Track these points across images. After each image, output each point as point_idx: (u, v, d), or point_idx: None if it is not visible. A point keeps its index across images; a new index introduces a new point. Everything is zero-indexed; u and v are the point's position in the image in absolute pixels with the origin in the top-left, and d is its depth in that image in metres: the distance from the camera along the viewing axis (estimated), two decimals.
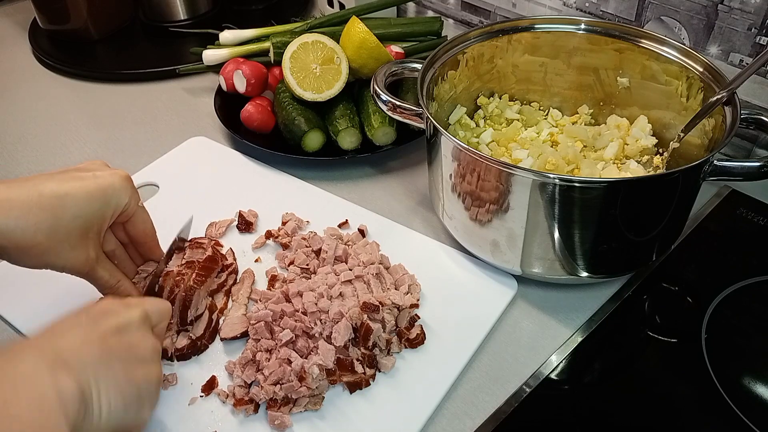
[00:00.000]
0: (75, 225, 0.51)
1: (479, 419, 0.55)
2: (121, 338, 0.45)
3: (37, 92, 1.00)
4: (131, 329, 0.46)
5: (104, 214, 0.53)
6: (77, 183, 0.52)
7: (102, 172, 0.54)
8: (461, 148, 0.58)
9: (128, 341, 0.45)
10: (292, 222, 0.71)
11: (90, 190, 0.52)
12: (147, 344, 0.47)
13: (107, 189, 0.53)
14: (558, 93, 0.78)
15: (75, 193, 0.51)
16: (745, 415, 0.54)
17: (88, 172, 0.53)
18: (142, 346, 0.46)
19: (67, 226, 0.51)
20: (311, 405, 0.55)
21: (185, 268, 0.62)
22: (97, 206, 0.52)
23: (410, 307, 0.60)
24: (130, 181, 0.56)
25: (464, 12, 1.03)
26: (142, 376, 0.45)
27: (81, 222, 0.52)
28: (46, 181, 0.51)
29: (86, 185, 0.52)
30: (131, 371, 0.44)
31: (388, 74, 0.69)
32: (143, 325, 0.48)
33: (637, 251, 0.61)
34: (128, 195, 0.55)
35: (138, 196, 0.57)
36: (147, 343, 0.47)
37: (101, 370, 0.42)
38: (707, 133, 0.63)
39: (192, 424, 0.54)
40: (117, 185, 0.54)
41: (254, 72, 0.85)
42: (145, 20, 1.13)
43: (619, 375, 0.59)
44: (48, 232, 0.50)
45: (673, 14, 0.78)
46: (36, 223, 0.49)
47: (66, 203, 0.50)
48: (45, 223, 0.49)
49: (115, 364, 0.43)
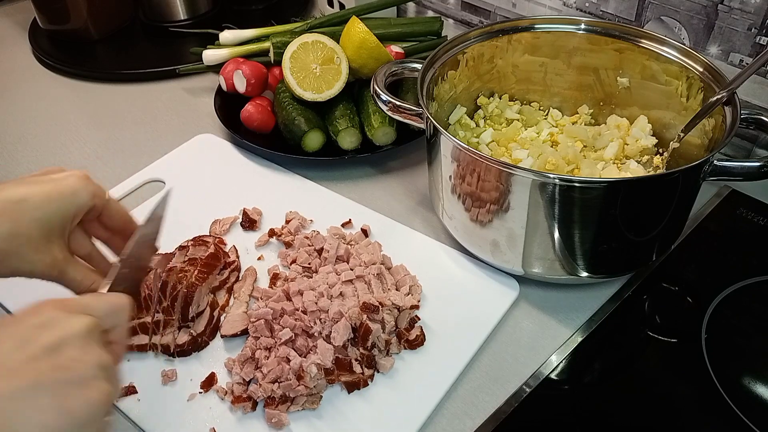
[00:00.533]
0: (35, 228, 0.50)
1: (479, 419, 0.55)
2: (54, 359, 0.40)
3: (37, 92, 1.00)
4: (69, 345, 0.41)
5: (65, 214, 0.53)
6: (34, 187, 0.51)
7: (58, 174, 0.54)
8: (461, 148, 0.58)
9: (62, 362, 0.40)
10: (296, 221, 0.71)
11: (47, 192, 0.51)
12: (88, 360, 0.41)
13: (64, 189, 0.52)
14: (558, 93, 0.78)
15: (31, 196, 0.51)
16: (745, 415, 0.54)
17: (45, 176, 0.54)
18: (82, 364, 0.41)
19: (27, 229, 0.50)
20: (309, 404, 0.55)
21: (188, 265, 0.62)
22: (55, 207, 0.52)
23: (410, 309, 0.60)
24: (89, 179, 0.55)
25: (464, 12, 1.03)
26: (80, 402, 0.40)
27: (41, 224, 0.51)
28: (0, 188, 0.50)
29: (43, 188, 0.52)
30: (64, 399, 0.39)
31: (388, 74, 0.69)
32: (86, 337, 0.42)
33: (637, 251, 0.61)
34: (88, 192, 0.54)
35: (102, 191, 0.56)
36: (89, 358, 0.41)
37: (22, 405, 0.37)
38: (707, 133, 0.63)
39: (190, 419, 0.55)
40: (74, 185, 0.53)
41: (254, 72, 0.85)
42: (145, 20, 1.13)
43: (619, 375, 0.59)
44: (7, 237, 0.49)
45: (673, 14, 0.78)
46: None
47: (23, 207, 0.50)
48: (2, 228, 0.49)
49: (42, 394, 0.38)
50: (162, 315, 0.59)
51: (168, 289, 0.59)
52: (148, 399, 0.56)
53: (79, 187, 0.53)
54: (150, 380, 0.57)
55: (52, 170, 0.55)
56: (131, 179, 0.80)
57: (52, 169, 0.56)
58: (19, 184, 0.52)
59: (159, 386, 0.57)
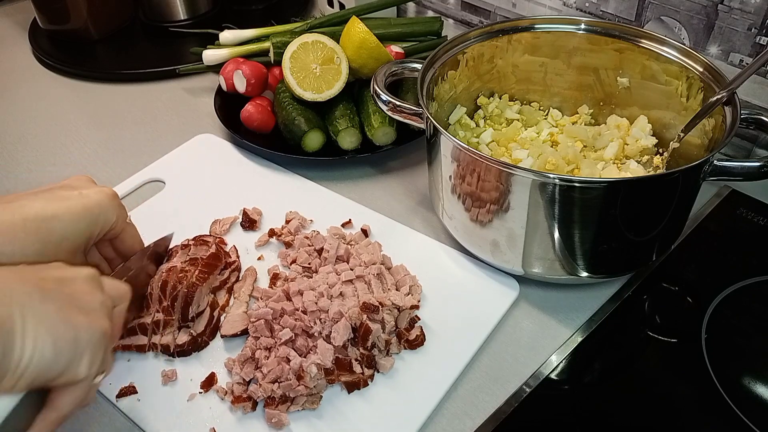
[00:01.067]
0: (62, 247, 0.50)
1: (479, 419, 0.55)
2: (62, 286, 0.42)
3: (37, 92, 1.00)
4: (76, 281, 0.43)
5: (91, 233, 0.52)
6: (63, 204, 0.50)
7: (88, 190, 0.53)
8: (461, 148, 0.58)
9: (70, 290, 0.42)
10: (296, 221, 0.71)
11: (76, 211, 0.51)
12: (94, 296, 0.43)
13: (93, 208, 0.52)
14: (558, 93, 0.78)
15: (61, 215, 0.50)
16: (745, 415, 0.54)
17: (73, 191, 0.52)
18: (88, 296, 0.43)
19: (55, 248, 0.49)
20: (309, 404, 0.55)
21: (188, 264, 0.62)
22: (83, 226, 0.51)
23: (410, 309, 0.60)
24: (117, 199, 0.55)
25: (464, 12, 1.03)
26: (84, 323, 0.41)
27: (68, 243, 0.50)
28: (30, 203, 0.49)
29: (72, 205, 0.51)
30: (69, 313, 0.40)
31: (388, 74, 0.69)
32: (92, 281, 0.44)
33: (637, 251, 0.61)
34: (115, 213, 0.54)
35: (125, 213, 0.56)
36: (94, 296, 0.43)
37: (31, 303, 0.39)
38: (707, 133, 0.63)
39: (191, 419, 0.54)
40: (104, 204, 0.53)
41: (254, 72, 0.85)
42: (145, 20, 1.13)
43: (619, 375, 0.59)
44: (35, 257, 0.48)
45: (673, 14, 0.78)
46: (22, 248, 0.47)
47: (52, 226, 0.49)
48: (31, 248, 0.48)
49: (50, 302, 0.40)
50: (162, 315, 0.59)
51: (168, 288, 0.59)
52: (148, 399, 0.56)
53: (107, 206, 0.53)
54: (150, 380, 0.57)
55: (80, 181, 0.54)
56: (131, 179, 0.80)
57: (80, 179, 0.55)
58: (49, 199, 0.50)
59: (159, 386, 0.57)
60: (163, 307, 0.59)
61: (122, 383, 0.57)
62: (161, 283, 0.59)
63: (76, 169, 0.84)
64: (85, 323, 0.41)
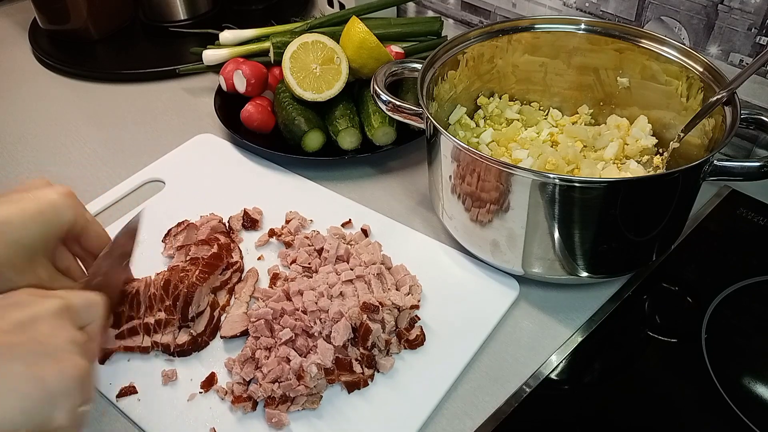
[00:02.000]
0: (17, 251, 0.48)
1: (479, 419, 0.55)
2: (24, 333, 0.40)
3: (37, 92, 1.00)
4: (39, 322, 0.41)
5: (47, 234, 0.51)
6: (14, 207, 0.49)
7: (42, 190, 0.51)
8: (461, 148, 0.58)
9: (34, 335, 0.40)
10: (296, 220, 0.71)
11: (28, 213, 0.49)
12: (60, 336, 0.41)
13: (46, 209, 0.50)
14: (558, 93, 0.78)
15: (11, 218, 0.48)
16: (745, 415, 0.54)
17: (27, 194, 0.50)
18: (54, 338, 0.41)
19: (8, 253, 0.48)
20: (309, 404, 0.55)
21: (189, 264, 0.62)
22: (37, 229, 0.49)
23: (410, 308, 0.60)
24: (73, 198, 0.53)
25: (464, 12, 1.03)
26: (54, 372, 0.39)
27: (22, 247, 0.49)
28: None
29: (23, 208, 0.49)
30: (36, 368, 0.38)
31: (388, 74, 0.69)
32: (58, 317, 0.42)
33: (637, 251, 0.61)
34: (72, 211, 0.52)
35: (83, 211, 0.54)
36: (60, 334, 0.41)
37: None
38: (707, 133, 0.63)
39: (191, 419, 0.55)
40: (58, 203, 0.51)
41: (254, 72, 0.85)
42: (145, 20, 1.13)
43: (619, 375, 0.59)
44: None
45: (673, 14, 0.78)
46: None
47: (3, 230, 0.47)
48: None
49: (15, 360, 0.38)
50: (164, 314, 0.59)
51: (170, 288, 0.59)
52: (148, 399, 0.56)
53: (61, 205, 0.51)
54: (150, 380, 0.57)
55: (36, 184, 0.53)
56: (131, 179, 0.80)
57: (36, 182, 0.53)
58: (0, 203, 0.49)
59: (159, 386, 0.57)
60: (165, 306, 0.59)
61: (122, 383, 0.57)
62: (164, 282, 0.59)
63: (76, 169, 0.84)
64: (54, 372, 0.39)
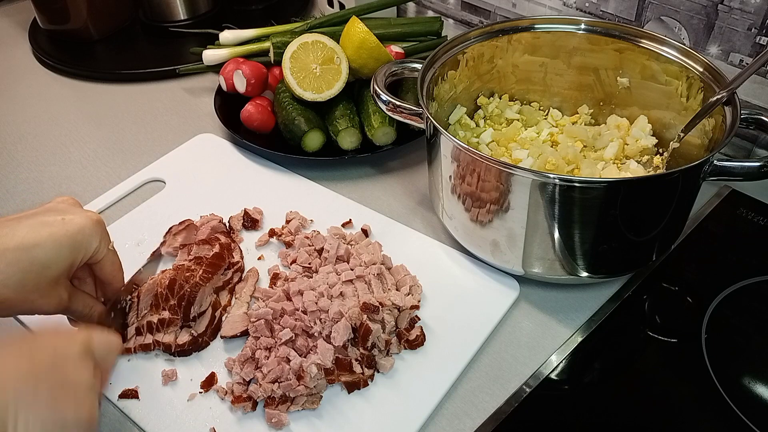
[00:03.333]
0: (43, 275, 0.49)
1: (479, 419, 0.55)
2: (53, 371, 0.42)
3: (37, 92, 1.00)
4: (68, 362, 0.43)
5: (74, 259, 0.51)
6: (45, 230, 0.49)
7: (72, 215, 0.52)
8: (461, 148, 0.58)
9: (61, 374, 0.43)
10: (296, 220, 0.71)
11: (58, 238, 0.49)
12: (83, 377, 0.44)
13: (76, 235, 0.51)
14: (558, 93, 0.78)
15: (43, 242, 0.49)
16: (745, 415, 0.54)
17: (57, 216, 0.51)
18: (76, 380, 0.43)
19: (36, 277, 0.49)
20: (309, 404, 0.55)
21: (193, 263, 0.62)
22: (66, 253, 0.50)
23: (410, 309, 0.60)
24: (102, 225, 0.54)
25: (464, 12, 1.03)
26: (72, 407, 0.42)
27: (50, 271, 0.50)
28: (12, 231, 0.48)
29: (54, 233, 0.50)
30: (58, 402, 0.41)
31: (388, 74, 0.69)
32: (82, 359, 0.45)
33: (637, 251, 0.61)
34: (98, 239, 0.53)
35: (109, 239, 0.55)
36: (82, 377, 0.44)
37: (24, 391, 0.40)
38: (707, 133, 0.63)
39: (190, 419, 0.55)
40: (87, 230, 0.51)
41: (254, 72, 0.85)
42: (145, 20, 1.13)
43: (619, 375, 0.59)
44: (16, 287, 0.48)
45: (673, 14, 0.78)
46: (3, 279, 0.47)
47: (34, 254, 0.48)
48: (12, 279, 0.47)
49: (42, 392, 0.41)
50: (168, 313, 0.59)
51: (176, 287, 0.59)
52: (149, 399, 0.56)
53: (90, 232, 0.52)
54: (150, 380, 0.57)
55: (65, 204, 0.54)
56: (131, 179, 0.80)
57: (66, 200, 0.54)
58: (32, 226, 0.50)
59: (159, 386, 0.57)
60: (170, 305, 0.59)
61: (123, 383, 0.57)
62: (169, 282, 0.59)
63: (76, 169, 0.84)
64: (72, 408, 0.42)
